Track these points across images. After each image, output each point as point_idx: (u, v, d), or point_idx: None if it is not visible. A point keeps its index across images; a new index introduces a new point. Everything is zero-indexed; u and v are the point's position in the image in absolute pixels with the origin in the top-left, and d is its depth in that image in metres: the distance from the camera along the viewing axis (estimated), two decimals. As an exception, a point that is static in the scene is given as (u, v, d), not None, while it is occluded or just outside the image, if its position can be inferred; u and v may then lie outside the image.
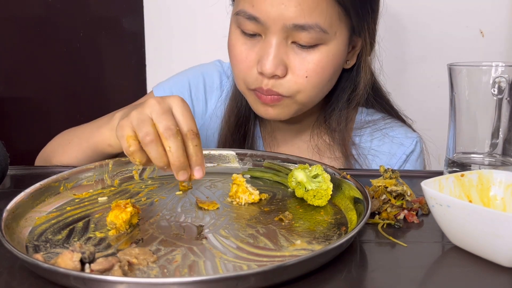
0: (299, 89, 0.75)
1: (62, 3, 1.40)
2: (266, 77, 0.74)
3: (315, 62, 0.74)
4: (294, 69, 0.74)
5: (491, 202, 0.55)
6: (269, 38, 0.73)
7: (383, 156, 0.86)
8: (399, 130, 0.88)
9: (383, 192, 0.59)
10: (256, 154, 0.75)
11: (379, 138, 0.87)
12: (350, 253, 0.49)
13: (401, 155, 0.86)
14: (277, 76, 0.74)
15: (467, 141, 0.66)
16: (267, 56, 0.73)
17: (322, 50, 0.74)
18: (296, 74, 0.74)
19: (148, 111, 0.57)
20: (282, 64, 0.73)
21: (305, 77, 0.74)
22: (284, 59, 0.74)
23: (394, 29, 1.26)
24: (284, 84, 0.75)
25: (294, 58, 0.74)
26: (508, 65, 0.61)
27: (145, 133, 0.55)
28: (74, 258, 0.43)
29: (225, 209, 0.60)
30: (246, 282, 0.41)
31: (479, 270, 0.46)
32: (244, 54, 0.76)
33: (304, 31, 0.71)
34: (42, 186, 0.60)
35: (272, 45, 0.73)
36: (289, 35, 0.73)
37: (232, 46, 0.78)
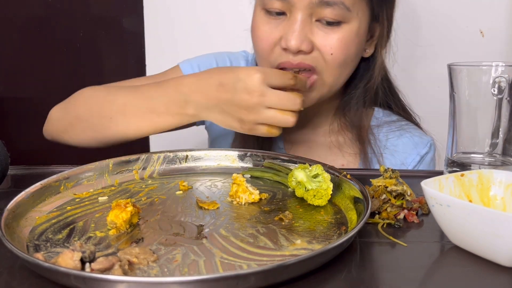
0: (326, 66, 0.77)
1: (62, 3, 1.40)
2: (292, 53, 0.76)
3: (339, 39, 0.76)
4: (319, 45, 0.76)
5: (491, 202, 0.55)
6: (294, 15, 0.75)
7: (398, 155, 0.88)
8: (414, 133, 0.90)
9: (383, 192, 0.59)
10: (256, 154, 0.75)
11: (395, 138, 0.89)
12: (350, 252, 0.49)
13: (416, 156, 0.88)
14: (303, 52, 0.76)
15: (467, 141, 0.66)
16: (292, 32, 0.75)
17: (345, 28, 0.77)
18: (321, 51, 0.76)
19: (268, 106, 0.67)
20: (307, 40, 0.75)
21: (330, 54, 0.76)
22: (309, 35, 0.76)
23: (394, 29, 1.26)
24: (314, 58, 0.77)
25: (319, 34, 0.76)
26: (508, 65, 0.61)
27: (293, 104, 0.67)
28: (74, 257, 0.43)
29: (225, 208, 0.60)
30: (246, 281, 0.41)
31: (479, 270, 0.46)
32: (267, 33, 0.78)
33: (329, 7, 0.74)
34: (42, 186, 0.60)
35: (297, 21, 0.75)
36: (313, 12, 0.75)
37: (255, 27, 0.80)
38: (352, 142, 0.88)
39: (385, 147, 0.88)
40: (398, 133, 0.89)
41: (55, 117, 0.86)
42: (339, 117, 0.89)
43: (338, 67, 0.78)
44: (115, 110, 0.76)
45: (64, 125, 0.83)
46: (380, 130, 0.89)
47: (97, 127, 0.78)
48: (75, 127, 0.81)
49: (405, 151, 0.88)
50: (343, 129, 0.89)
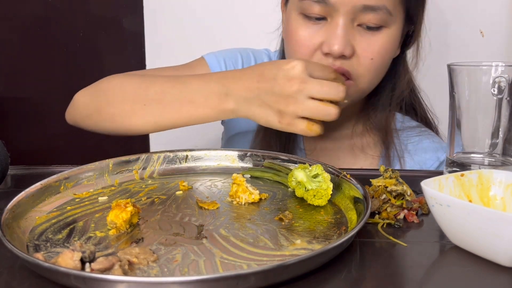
0: (363, 72, 0.77)
1: (62, 3, 1.40)
2: (333, 57, 0.75)
3: (380, 44, 0.76)
4: (360, 51, 0.76)
5: (491, 202, 0.55)
6: (337, 20, 0.74)
7: (418, 159, 0.88)
8: (433, 139, 0.91)
9: (383, 192, 0.59)
10: (256, 154, 0.75)
11: (415, 143, 0.89)
12: (350, 252, 0.49)
13: (435, 161, 0.88)
14: (344, 56, 0.75)
15: (467, 141, 0.66)
16: (335, 37, 0.74)
17: (386, 33, 0.76)
18: (362, 56, 0.76)
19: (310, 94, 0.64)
20: (350, 45, 0.75)
21: (370, 59, 0.76)
22: (351, 40, 0.75)
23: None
24: (352, 64, 0.76)
25: (360, 40, 0.76)
26: (508, 65, 0.61)
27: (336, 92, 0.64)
28: (74, 257, 0.43)
29: (225, 208, 0.60)
30: (246, 281, 0.41)
31: (479, 270, 0.46)
32: (307, 38, 0.77)
33: (372, 12, 0.73)
34: (42, 186, 0.60)
35: (340, 25, 0.74)
36: (356, 17, 0.74)
37: (293, 32, 0.79)
38: (374, 144, 0.89)
39: (406, 150, 0.89)
40: (417, 138, 0.90)
41: (81, 102, 0.81)
42: (363, 119, 0.90)
43: (375, 71, 0.78)
44: (150, 97, 0.72)
45: (90, 110, 0.78)
46: (401, 134, 0.90)
47: (127, 114, 0.73)
48: (102, 112, 0.76)
49: (425, 155, 0.88)
50: (366, 131, 0.89)
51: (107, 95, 0.76)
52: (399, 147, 0.88)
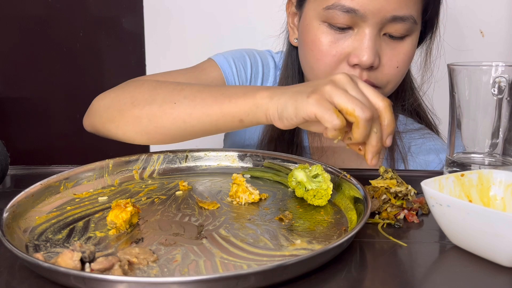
0: (389, 79, 0.77)
1: (62, 3, 1.40)
2: (361, 68, 0.74)
3: (405, 53, 0.76)
4: (386, 60, 0.75)
5: (491, 202, 0.55)
6: (365, 30, 0.73)
7: (420, 161, 0.88)
8: (437, 142, 0.91)
9: (383, 192, 0.59)
10: (256, 154, 0.75)
11: (418, 146, 0.89)
12: (350, 252, 0.49)
13: (438, 164, 0.88)
14: (372, 67, 0.75)
15: (467, 141, 0.66)
16: (365, 48, 0.73)
17: (409, 41, 0.77)
18: (388, 65, 0.76)
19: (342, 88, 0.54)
20: (377, 55, 0.75)
21: (396, 68, 0.76)
22: (378, 50, 0.75)
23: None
24: (378, 74, 0.76)
25: (386, 49, 0.75)
26: (508, 65, 0.61)
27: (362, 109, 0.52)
28: (74, 257, 0.43)
29: (225, 208, 0.60)
30: (246, 281, 0.41)
31: (479, 270, 0.46)
32: (332, 48, 0.75)
33: (401, 22, 0.73)
34: (42, 186, 0.60)
35: (369, 36, 0.73)
36: (383, 27, 0.74)
37: (317, 41, 0.76)
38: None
39: (409, 151, 0.89)
40: (420, 141, 0.90)
41: (101, 105, 0.74)
42: None
43: (400, 78, 0.79)
44: (183, 96, 0.66)
45: (112, 113, 0.71)
46: (404, 136, 0.90)
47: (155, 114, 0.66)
48: (126, 115, 0.69)
49: (428, 157, 0.88)
50: None
51: (132, 97, 0.70)
52: (402, 149, 0.88)
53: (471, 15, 1.29)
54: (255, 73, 0.94)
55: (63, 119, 1.48)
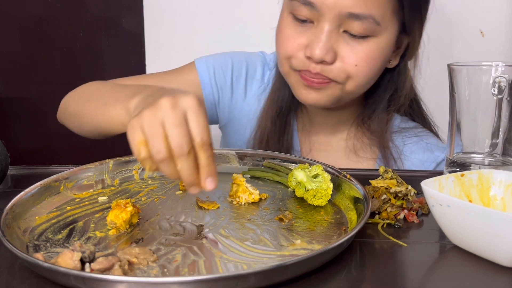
0: (349, 75, 0.76)
1: (62, 3, 1.40)
2: (314, 62, 0.75)
3: (365, 52, 0.75)
4: (343, 57, 0.75)
5: (491, 202, 0.55)
6: (322, 25, 0.74)
7: (415, 161, 0.88)
8: (431, 140, 0.90)
9: (383, 192, 0.59)
10: (256, 154, 0.75)
11: (412, 144, 0.89)
12: (350, 252, 0.49)
13: (432, 163, 0.87)
14: (325, 62, 0.75)
15: (467, 141, 0.66)
16: (317, 42, 0.74)
17: (372, 42, 0.76)
18: (345, 62, 0.75)
19: (161, 116, 0.51)
20: (332, 51, 0.74)
21: (354, 66, 0.76)
22: (334, 46, 0.75)
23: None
24: (334, 70, 0.76)
25: (344, 46, 0.75)
26: (508, 65, 0.61)
27: (157, 150, 0.50)
28: (74, 257, 0.43)
29: (225, 208, 0.60)
30: (246, 281, 0.41)
31: (479, 270, 0.46)
32: (293, 37, 0.77)
33: (357, 20, 0.72)
34: (42, 186, 0.60)
35: (324, 31, 0.74)
36: (342, 24, 0.74)
37: (282, 28, 0.79)
38: (369, 147, 0.89)
39: (402, 152, 0.88)
40: (415, 139, 0.89)
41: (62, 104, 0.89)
42: (358, 124, 0.89)
43: (364, 77, 0.78)
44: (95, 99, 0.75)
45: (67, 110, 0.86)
46: (398, 136, 0.90)
47: (79, 112, 0.80)
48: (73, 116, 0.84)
49: (422, 157, 0.88)
50: (361, 135, 0.89)
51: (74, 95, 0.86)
52: (394, 150, 0.87)
53: (471, 15, 1.28)
54: (236, 75, 0.95)
55: (63, 119, 1.48)
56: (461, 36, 1.29)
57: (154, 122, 0.51)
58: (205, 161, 0.51)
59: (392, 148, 0.87)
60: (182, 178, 0.52)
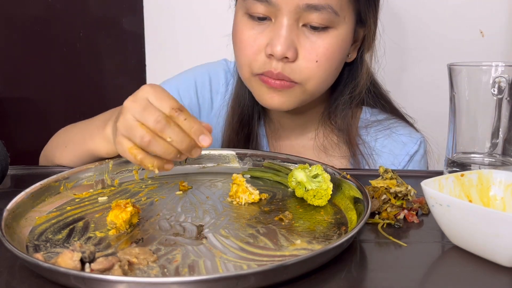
0: (309, 75, 0.75)
1: (62, 3, 1.40)
2: (276, 59, 0.74)
3: (325, 46, 0.75)
4: (304, 53, 0.74)
5: (491, 202, 0.55)
6: (280, 20, 0.73)
7: (387, 156, 0.86)
8: (403, 131, 0.88)
9: (383, 192, 0.59)
10: (256, 154, 0.75)
11: (383, 138, 0.87)
12: (350, 252, 0.49)
13: (405, 156, 0.86)
14: (286, 59, 0.73)
15: (467, 141, 0.66)
16: (278, 37, 0.73)
17: (332, 34, 0.75)
18: (306, 59, 0.74)
19: (130, 114, 0.56)
20: (293, 47, 0.73)
21: (315, 62, 0.75)
22: (295, 42, 0.74)
23: (395, 28, 1.26)
24: (295, 68, 0.75)
25: (305, 41, 0.74)
26: (508, 65, 0.61)
27: (140, 137, 0.54)
28: (74, 257, 0.43)
29: (225, 208, 0.60)
30: (246, 281, 0.41)
31: (479, 270, 0.46)
32: (252, 39, 0.76)
33: (316, 11, 0.72)
34: (42, 186, 0.60)
35: (283, 26, 0.73)
36: (300, 17, 0.73)
37: (238, 32, 0.78)
38: (339, 145, 0.87)
39: (374, 148, 0.87)
40: (386, 132, 0.88)
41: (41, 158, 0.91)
42: (325, 122, 0.88)
43: (323, 74, 0.76)
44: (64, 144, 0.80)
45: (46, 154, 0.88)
46: (368, 131, 0.88)
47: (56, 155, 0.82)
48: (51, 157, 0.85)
49: (394, 151, 0.86)
50: (330, 133, 0.88)
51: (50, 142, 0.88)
52: (362, 147, 0.86)
53: (471, 15, 1.28)
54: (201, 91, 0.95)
55: (63, 119, 1.47)
56: (461, 36, 1.29)
57: (127, 122, 0.56)
58: (186, 124, 0.55)
59: (360, 144, 0.86)
60: (178, 148, 0.55)
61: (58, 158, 0.81)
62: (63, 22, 1.41)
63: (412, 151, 0.86)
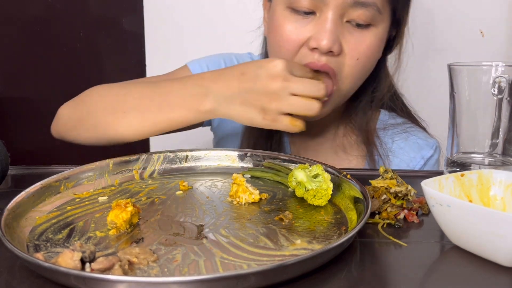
0: (348, 72, 0.76)
1: (62, 3, 1.40)
2: (319, 53, 0.74)
3: (367, 44, 0.75)
4: (348, 49, 0.75)
5: (491, 202, 0.55)
6: (326, 14, 0.73)
7: (403, 157, 0.88)
8: (420, 135, 0.90)
9: (383, 192, 0.59)
10: (256, 154, 0.75)
11: (400, 141, 0.89)
12: (350, 252, 0.49)
13: (420, 159, 0.88)
14: (331, 53, 0.74)
15: (467, 141, 0.66)
16: (324, 31, 0.72)
17: (373, 32, 0.76)
18: (349, 55, 0.75)
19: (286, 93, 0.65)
20: (338, 42, 0.74)
21: (356, 59, 0.75)
22: (340, 37, 0.74)
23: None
24: (339, 62, 0.75)
25: (349, 37, 0.74)
26: (508, 65, 0.61)
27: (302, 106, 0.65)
28: (74, 257, 0.43)
29: (225, 208, 0.60)
30: (246, 281, 0.41)
31: (479, 270, 0.46)
32: (295, 32, 0.75)
33: (362, 8, 0.72)
34: (42, 186, 0.60)
35: (329, 20, 0.73)
36: (345, 12, 0.73)
37: (279, 26, 0.77)
38: (357, 144, 0.88)
39: (391, 149, 0.88)
40: (403, 135, 0.89)
41: (64, 114, 0.82)
42: (345, 121, 0.89)
43: (359, 73, 0.77)
44: (129, 105, 0.73)
45: (73, 122, 0.79)
46: (386, 132, 0.89)
47: (109, 123, 0.74)
48: (84, 124, 0.77)
49: (410, 154, 0.88)
50: (349, 133, 0.89)
51: (88, 106, 0.78)
52: (380, 147, 0.87)
53: (471, 15, 1.29)
54: None
55: (63, 119, 1.47)
56: (461, 36, 1.29)
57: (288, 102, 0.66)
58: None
59: (378, 144, 0.87)
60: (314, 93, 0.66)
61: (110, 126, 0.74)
62: (63, 22, 1.41)
63: (427, 155, 0.87)
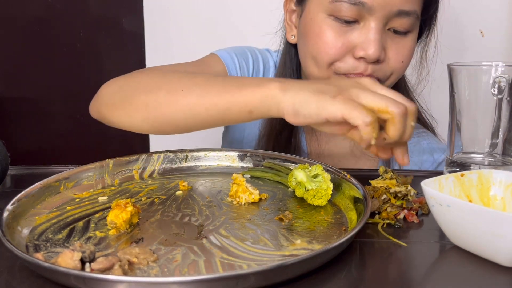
0: (394, 71, 0.78)
1: (62, 3, 1.40)
2: (367, 62, 0.74)
3: (408, 48, 0.78)
4: (391, 54, 0.76)
5: (491, 202, 0.55)
6: (371, 24, 0.73)
7: (415, 160, 0.88)
8: (431, 140, 0.91)
9: (383, 192, 0.59)
10: (256, 154, 0.75)
11: (413, 144, 0.89)
12: (350, 252, 0.49)
13: (432, 163, 0.88)
14: (378, 62, 0.75)
15: (467, 141, 0.66)
16: (371, 41, 0.73)
17: (412, 37, 0.78)
18: (393, 59, 0.76)
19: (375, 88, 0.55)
20: (383, 50, 0.75)
21: (401, 62, 0.77)
22: (384, 44, 0.75)
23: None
24: (383, 68, 0.76)
25: (392, 44, 0.76)
26: (508, 65, 0.61)
27: (396, 104, 0.52)
28: (74, 257, 0.43)
29: (225, 208, 0.60)
30: (246, 281, 0.41)
31: (479, 270, 0.46)
32: (338, 40, 0.75)
33: (406, 17, 0.74)
34: (42, 186, 0.60)
35: (375, 29, 0.73)
36: (389, 21, 0.74)
37: (322, 33, 0.76)
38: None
39: None
40: (416, 139, 0.90)
41: (109, 91, 0.73)
42: None
43: (402, 72, 0.79)
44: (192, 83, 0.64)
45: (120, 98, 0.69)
46: None
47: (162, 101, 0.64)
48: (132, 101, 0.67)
49: (422, 157, 0.88)
50: None
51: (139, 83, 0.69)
52: None
53: (471, 15, 1.29)
54: (256, 70, 0.94)
55: (63, 119, 1.48)
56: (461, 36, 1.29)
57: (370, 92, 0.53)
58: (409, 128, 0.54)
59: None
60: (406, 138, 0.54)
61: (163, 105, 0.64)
62: (63, 22, 1.41)
63: (439, 159, 0.88)
